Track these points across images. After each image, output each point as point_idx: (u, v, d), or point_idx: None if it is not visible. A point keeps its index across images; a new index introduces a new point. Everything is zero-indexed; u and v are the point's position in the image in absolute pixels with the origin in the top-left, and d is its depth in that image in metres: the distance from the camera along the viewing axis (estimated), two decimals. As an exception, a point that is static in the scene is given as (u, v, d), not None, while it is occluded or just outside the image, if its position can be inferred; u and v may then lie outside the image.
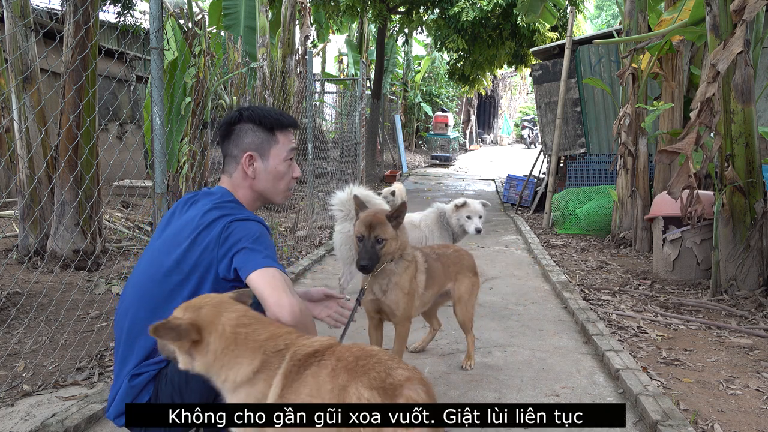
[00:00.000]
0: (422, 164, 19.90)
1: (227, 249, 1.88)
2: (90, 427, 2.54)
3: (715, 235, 4.62)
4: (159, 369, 1.92)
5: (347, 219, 4.26)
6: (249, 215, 1.97)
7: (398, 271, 2.78)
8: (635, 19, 6.74)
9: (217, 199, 2.03)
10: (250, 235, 1.89)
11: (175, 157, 4.69)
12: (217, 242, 1.88)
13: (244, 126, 2.09)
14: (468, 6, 11.21)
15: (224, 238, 1.88)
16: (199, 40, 4.83)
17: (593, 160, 8.87)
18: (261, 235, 1.92)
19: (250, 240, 1.87)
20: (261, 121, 2.08)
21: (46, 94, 5.18)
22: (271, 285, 1.79)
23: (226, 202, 2.02)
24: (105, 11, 10.89)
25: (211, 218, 1.93)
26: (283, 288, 1.81)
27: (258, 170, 2.09)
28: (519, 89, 35.98)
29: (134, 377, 1.91)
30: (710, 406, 2.82)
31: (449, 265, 3.21)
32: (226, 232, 1.88)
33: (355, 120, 10.64)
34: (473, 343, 3.39)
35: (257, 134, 2.08)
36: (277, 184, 2.13)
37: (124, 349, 1.94)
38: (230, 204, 2.02)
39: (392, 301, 2.79)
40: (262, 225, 1.96)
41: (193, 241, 1.91)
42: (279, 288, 1.80)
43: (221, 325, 1.61)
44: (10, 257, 4.82)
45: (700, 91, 4.42)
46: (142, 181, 7.95)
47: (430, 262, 3.04)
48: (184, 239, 1.93)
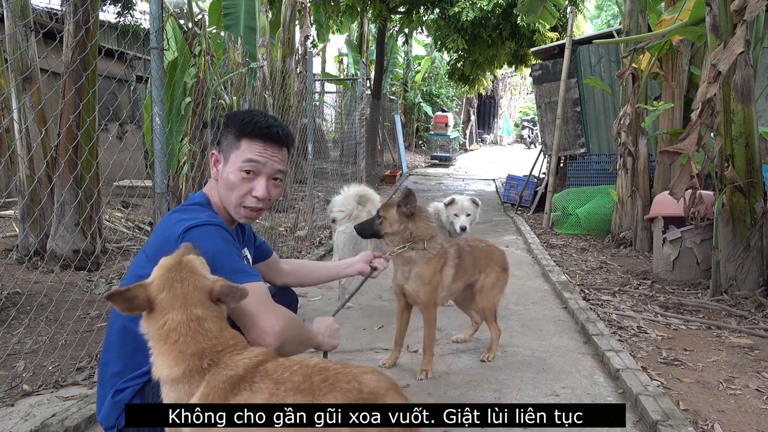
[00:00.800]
0: (422, 164, 19.89)
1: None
2: (90, 427, 2.54)
3: (715, 235, 4.62)
4: (143, 383, 1.83)
5: (349, 219, 4.26)
6: (204, 219, 1.82)
7: (420, 262, 3.01)
8: (635, 19, 6.74)
9: (187, 202, 2.00)
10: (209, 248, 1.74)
11: (175, 157, 4.70)
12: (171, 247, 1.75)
13: (225, 128, 2.02)
14: (468, 6, 11.21)
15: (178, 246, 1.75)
16: (199, 40, 4.84)
17: (593, 160, 8.87)
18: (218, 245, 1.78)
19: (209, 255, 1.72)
20: (233, 124, 1.98)
21: (46, 94, 5.18)
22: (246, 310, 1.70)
23: (191, 205, 1.95)
24: (105, 11, 10.89)
25: (172, 221, 1.85)
26: (257, 311, 1.71)
27: (220, 174, 2.00)
28: (519, 89, 35.98)
29: (118, 392, 1.83)
30: (710, 406, 2.82)
31: (480, 258, 3.40)
32: (180, 241, 1.75)
33: (355, 120, 10.64)
34: (497, 337, 3.51)
35: (227, 137, 2.00)
36: (229, 194, 1.97)
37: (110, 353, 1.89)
38: (194, 207, 1.93)
39: (413, 289, 3.06)
40: (216, 228, 1.82)
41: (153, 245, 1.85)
42: (254, 313, 1.71)
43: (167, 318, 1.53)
44: (10, 257, 4.82)
45: (701, 91, 4.42)
46: (142, 181, 7.95)
47: (462, 255, 3.24)
48: (153, 248, 1.85)
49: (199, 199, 2.00)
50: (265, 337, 1.70)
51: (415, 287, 3.04)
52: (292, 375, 1.47)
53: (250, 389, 1.46)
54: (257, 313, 1.73)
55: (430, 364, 3.19)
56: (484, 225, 8.68)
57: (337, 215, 4.31)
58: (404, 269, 3.06)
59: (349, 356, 3.45)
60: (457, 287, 3.27)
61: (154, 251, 1.78)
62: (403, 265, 3.05)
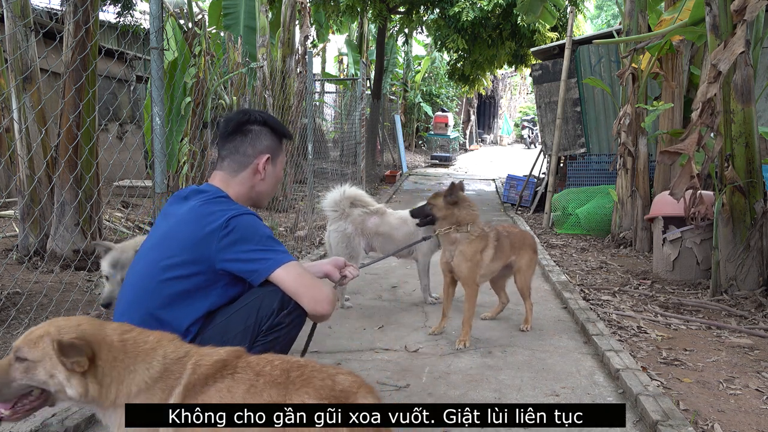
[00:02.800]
0: (422, 164, 19.89)
1: (229, 245, 1.90)
2: (90, 427, 2.54)
3: (715, 235, 4.62)
4: None
5: (342, 218, 4.28)
6: (242, 209, 2.03)
7: (463, 241, 3.57)
8: (635, 19, 6.74)
9: (210, 195, 2.06)
10: (253, 232, 1.95)
11: (175, 157, 4.70)
12: (215, 236, 1.90)
13: (263, 129, 2.18)
14: (468, 6, 11.21)
15: (224, 234, 1.90)
16: (199, 40, 4.84)
17: (593, 160, 8.87)
18: (261, 229, 1.98)
19: (255, 238, 1.93)
20: (275, 128, 2.22)
21: (46, 94, 5.18)
22: (299, 281, 1.92)
23: (218, 198, 2.06)
24: (105, 11, 10.89)
25: (206, 212, 1.95)
26: (311, 282, 1.95)
27: (268, 173, 2.20)
28: (519, 89, 35.97)
29: None
30: (710, 406, 2.82)
31: (515, 242, 3.93)
32: (227, 229, 1.91)
33: (355, 120, 10.64)
34: (531, 309, 4.04)
35: (272, 139, 2.21)
36: (273, 189, 2.28)
37: None
38: (223, 199, 2.07)
39: (456, 265, 3.61)
40: (255, 216, 2.03)
41: (188, 236, 1.92)
42: (308, 283, 1.94)
43: (107, 336, 1.49)
44: (10, 257, 4.82)
45: (701, 91, 4.42)
46: (142, 181, 7.95)
47: (501, 239, 3.77)
48: (178, 236, 1.94)
49: (222, 193, 2.12)
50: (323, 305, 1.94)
51: (458, 262, 3.58)
52: (272, 369, 1.51)
53: (231, 378, 1.49)
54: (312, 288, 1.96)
55: (468, 335, 3.63)
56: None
57: (331, 214, 4.32)
58: (451, 248, 3.61)
59: (348, 356, 3.45)
60: (496, 267, 3.78)
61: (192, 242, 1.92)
62: (450, 244, 3.61)
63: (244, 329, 1.92)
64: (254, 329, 1.92)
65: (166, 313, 1.92)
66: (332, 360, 3.36)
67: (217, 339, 1.90)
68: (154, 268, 1.94)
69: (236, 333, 1.92)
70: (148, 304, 1.92)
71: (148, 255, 2.00)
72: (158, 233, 2.04)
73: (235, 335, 1.91)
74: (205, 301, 1.95)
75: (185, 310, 1.93)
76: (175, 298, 1.92)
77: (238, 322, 1.93)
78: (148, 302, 1.92)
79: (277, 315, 1.92)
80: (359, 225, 4.30)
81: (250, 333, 1.92)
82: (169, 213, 2.09)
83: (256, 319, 1.92)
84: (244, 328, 1.92)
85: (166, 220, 2.07)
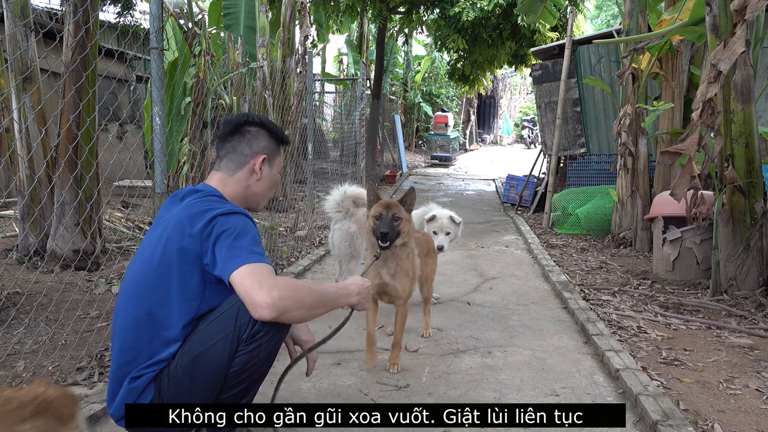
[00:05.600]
0: (422, 164, 19.89)
1: (211, 243, 1.90)
2: (90, 427, 2.54)
3: (715, 235, 4.62)
4: (159, 369, 1.92)
5: (346, 217, 4.27)
6: (233, 208, 2.01)
7: (403, 257, 3.06)
8: (635, 19, 6.74)
9: (203, 195, 2.07)
10: (231, 230, 1.91)
11: (175, 157, 4.70)
12: (201, 234, 1.90)
13: (261, 130, 2.20)
14: (468, 6, 11.21)
15: (207, 233, 1.91)
16: (199, 40, 4.84)
17: (593, 160, 8.87)
18: (243, 229, 1.93)
19: (231, 236, 1.89)
20: (273, 131, 2.24)
21: (46, 94, 5.18)
22: (243, 286, 1.82)
23: (210, 197, 2.06)
24: (105, 11, 10.89)
25: (197, 211, 1.96)
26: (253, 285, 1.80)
27: (264, 173, 2.20)
28: (519, 89, 35.98)
29: (134, 379, 1.91)
30: (710, 406, 2.82)
31: (422, 247, 3.67)
32: (209, 228, 1.91)
33: (355, 120, 10.64)
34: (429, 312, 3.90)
35: (269, 141, 2.22)
36: (269, 192, 2.27)
37: (124, 343, 1.96)
38: (215, 198, 2.06)
39: (399, 284, 3.07)
40: (245, 216, 2.00)
41: (179, 236, 1.93)
42: (250, 288, 1.81)
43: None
44: (10, 257, 4.82)
45: (701, 91, 4.42)
46: (142, 181, 7.95)
47: (420, 245, 3.49)
48: (170, 234, 1.96)
49: (216, 192, 2.12)
50: (258, 310, 1.80)
51: (401, 282, 3.06)
52: None
53: None
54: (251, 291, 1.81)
55: (400, 358, 3.23)
56: (483, 225, 8.69)
57: (334, 215, 4.30)
58: (391, 266, 3.04)
59: (348, 356, 3.45)
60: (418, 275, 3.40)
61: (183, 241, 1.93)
62: (391, 262, 3.04)
63: (224, 338, 1.89)
64: (233, 338, 1.89)
65: (163, 311, 1.93)
66: (332, 360, 3.36)
67: (200, 347, 1.90)
68: (148, 269, 1.96)
69: (216, 341, 1.89)
70: (147, 300, 1.93)
71: (144, 256, 2.02)
72: (156, 232, 2.06)
73: (215, 343, 1.89)
74: (203, 303, 1.96)
75: (182, 309, 1.93)
76: (173, 297, 1.92)
77: (217, 331, 1.90)
78: (147, 299, 1.93)
79: (255, 323, 1.88)
80: (363, 224, 4.29)
81: (230, 341, 1.88)
82: (165, 212, 2.11)
83: (235, 327, 1.89)
84: (223, 337, 1.89)
85: (162, 220, 2.08)
